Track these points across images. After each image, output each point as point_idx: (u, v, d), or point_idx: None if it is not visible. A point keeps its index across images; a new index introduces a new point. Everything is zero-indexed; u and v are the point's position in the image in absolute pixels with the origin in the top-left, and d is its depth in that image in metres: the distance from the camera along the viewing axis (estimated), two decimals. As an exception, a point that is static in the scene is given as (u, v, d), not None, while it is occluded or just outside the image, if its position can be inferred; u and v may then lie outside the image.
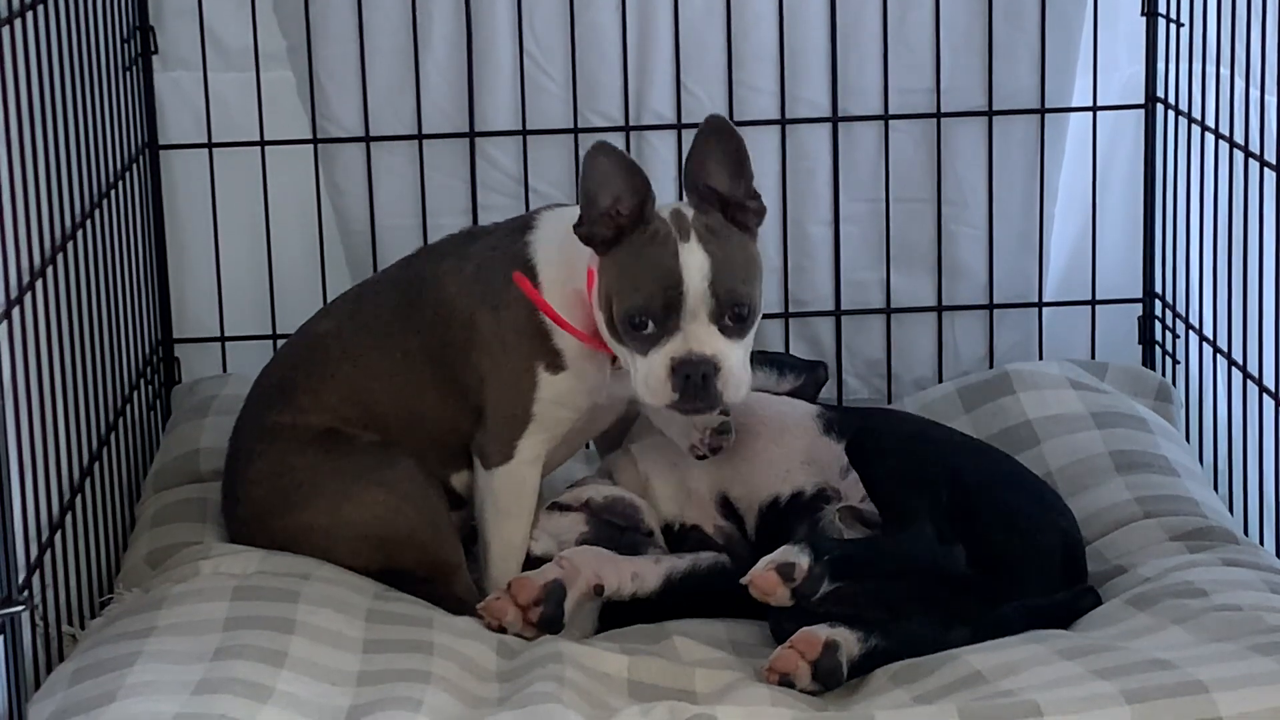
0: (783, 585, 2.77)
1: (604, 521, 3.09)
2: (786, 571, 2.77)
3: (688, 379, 2.87)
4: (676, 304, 2.87)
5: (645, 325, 2.88)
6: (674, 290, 2.87)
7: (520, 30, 3.69)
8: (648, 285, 2.88)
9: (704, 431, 3.08)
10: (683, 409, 2.92)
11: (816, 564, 2.76)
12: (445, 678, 2.66)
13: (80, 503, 3.03)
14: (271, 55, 3.70)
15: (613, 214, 2.91)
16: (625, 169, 2.90)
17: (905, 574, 2.82)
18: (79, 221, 3.12)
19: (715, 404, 2.90)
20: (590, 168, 2.90)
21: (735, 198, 2.94)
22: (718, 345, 2.88)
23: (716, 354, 2.87)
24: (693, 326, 2.87)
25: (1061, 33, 3.74)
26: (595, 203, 2.90)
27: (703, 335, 2.88)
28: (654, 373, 2.88)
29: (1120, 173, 3.84)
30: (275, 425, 3.09)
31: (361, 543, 3.01)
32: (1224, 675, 2.48)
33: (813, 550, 2.78)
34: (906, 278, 3.82)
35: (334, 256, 3.77)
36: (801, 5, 3.72)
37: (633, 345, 2.90)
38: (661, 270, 2.88)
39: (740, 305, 2.89)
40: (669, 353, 2.87)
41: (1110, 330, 3.85)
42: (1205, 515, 3.13)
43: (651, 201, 2.91)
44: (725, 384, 2.88)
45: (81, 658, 2.66)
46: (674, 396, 2.88)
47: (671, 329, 2.88)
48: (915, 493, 2.89)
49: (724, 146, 2.93)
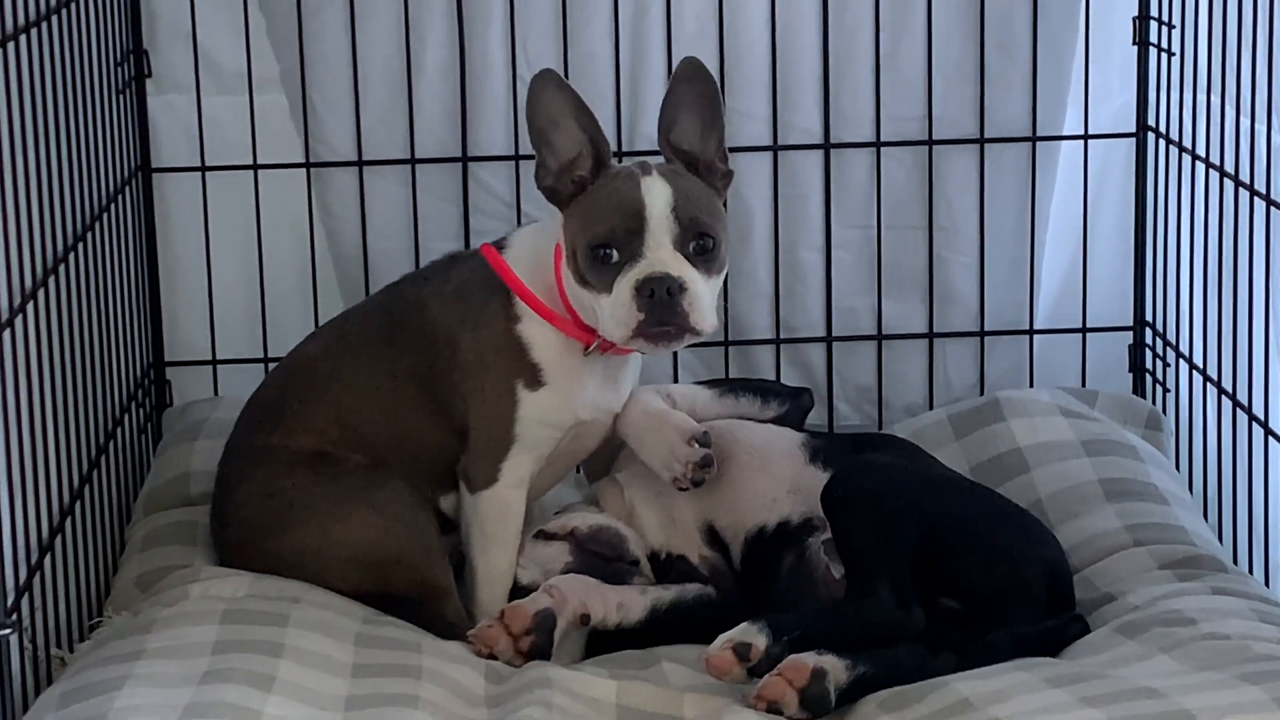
0: (738, 665, 2.76)
1: (589, 551, 3.09)
2: (742, 651, 2.76)
3: (652, 296, 2.86)
4: (639, 230, 2.89)
5: (610, 255, 2.89)
6: (636, 216, 2.89)
7: (513, 55, 3.70)
8: (610, 214, 2.90)
9: (686, 465, 3.07)
10: (649, 333, 2.89)
11: (775, 644, 2.76)
12: (433, 702, 2.66)
13: (70, 525, 3.03)
14: (265, 79, 3.71)
15: (574, 177, 2.94)
16: (574, 106, 2.94)
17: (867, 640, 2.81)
18: (72, 244, 3.12)
19: (682, 325, 2.88)
20: (536, 99, 2.92)
21: (705, 157, 2.96)
22: (683, 268, 2.89)
23: (682, 275, 2.88)
24: (656, 253, 2.89)
25: (1053, 61, 3.75)
26: (544, 138, 2.93)
27: (667, 258, 2.89)
28: (619, 299, 2.88)
29: (1111, 201, 3.85)
30: (264, 447, 3.10)
31: (351, 565, 3.01)
32: (1211, 704, 2.48)
33: (771, 630, 2.77)
34: (898, 304, 3.83)
35: (326, 280, 3.77)
36: (794, 32, 3.72)
37: (598, 282, 2.91)
38: (624, 199, 2.91)
39: (704, 235, 2.90)
40: (634, 275, 2.88)
41: (1101, 358, 3.85)
42: (1194, 543, 3.14)
43: (606, 146, 2.95)
44: (691, 306, 2.87)
45: (70, 680, 2.66)
46: (639, 317, 2.87)
47: (635, 255, 2.89)
48: (877, 552, 2.87)
49: (696, 92, 2.96)
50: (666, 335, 2.90)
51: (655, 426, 3.10)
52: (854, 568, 2.89)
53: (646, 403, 3.14)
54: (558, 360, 3.03)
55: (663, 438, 3.08)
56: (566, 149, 2.96)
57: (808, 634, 2.77)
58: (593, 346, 3.02)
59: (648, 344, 2.94)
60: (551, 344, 3.03)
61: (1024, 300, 3.83)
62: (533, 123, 2.95)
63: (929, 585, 2.88)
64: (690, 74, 2.96)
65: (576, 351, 3.04)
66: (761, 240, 3.79)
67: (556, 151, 2.96)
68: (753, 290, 3.80)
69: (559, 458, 3.13)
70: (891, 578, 2.84)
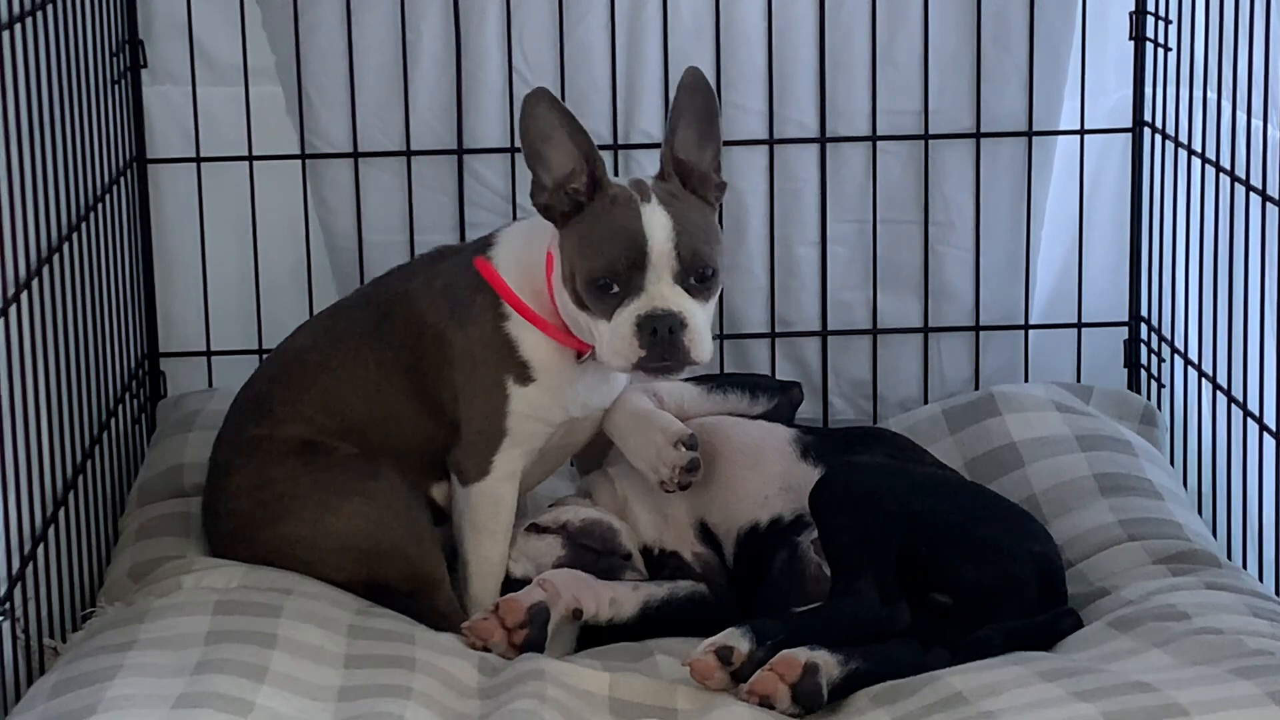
0: (721, 669, 2.76)
1: (581, 545, 3.09)
2: (725, 655, 2.76)
3: (654, 334, 2.87)
4: (641, 264, 2.88)
5: (610, 287, 2.89)
6: (638, 251, 2.88)
7: (509, 48, 3.69)
8: (612, 247, 2.90)
9: (672, 469, 3.06)
10: (649, 367, 2.90)
11: (758, 648, 2.76)
12: (426, 694, 2.66)
13: (64, 516, 3.03)
14: (261, 70, 3.71)
15: (568, 190, 2.93)
16: (567, 124, 2.93)
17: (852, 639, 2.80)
18: (66, 234, 3.12)
19: (683, 360, 2.89)
20: (528, 117, 2.92)
21: (700, 168, 2.96)
22: (683, 303, 2.89)
23: (683, 310, 2.88)
24: (658, 286, 2.88)
25: (1049, 56, 3.75)
26: (539, 156, 2.93)
27: (668, 293, 2.89)
28: (619, 332, 2.89)
29: (1107, 196, 3.85)
30: (254, 438, 3.10)
31: (344, 554, 3.01)
32: (1204, 698, 2.48)
33: (754, 634, 2.77)
34: (893, 299, 3.82)
35: (321, 272, 3.76)
36: (790, 26, 3.72)
37: (598, 310, 2.91)
38: (625, 231, 2.90)
39: (704, 266, 2.90)
40: (635, 310, 2.88)
41: (1096, 353, 3.85)
42: (1188, 538, 3.14)
43: (601, 165, 2.94)
44: (692, 341, 2.88)
45: (62, 670, 2.66)
46: (641, 354, 2.88)
47: (636, 289, 2.89)
48: (861, 551, 2.86)
49: (696, 104, 2.96)
50: (667, 369, 2.92)
51: (642, 429, 3.10)
52: (838, 567, 2.89)
53: (633, 404, 3.13)
54: (547, 358, 3.03)
55: (649, 440, 3.08)
56: (561, 166, 2.95)
57: (792, 638, 2.77)
58: (586, 356, 3.02)
59: (646, 376, 2.96)
60: (540, 342, 3.03)
61: (1019, 295, 3.83)
62: (526, 141, 2.94)
63: (920, 582, 2.88)
64: (691, 85, 2.96)
65: (566, 351, 3.04)
66: (757, 234, 3.79)
67: (551, 169, 2.95)
68: (748, 284, 3.80)
69: (551, 451, 3.13)
70: (875, 575, 2.84)
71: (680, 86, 2.97)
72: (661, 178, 2.97)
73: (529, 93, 2.94)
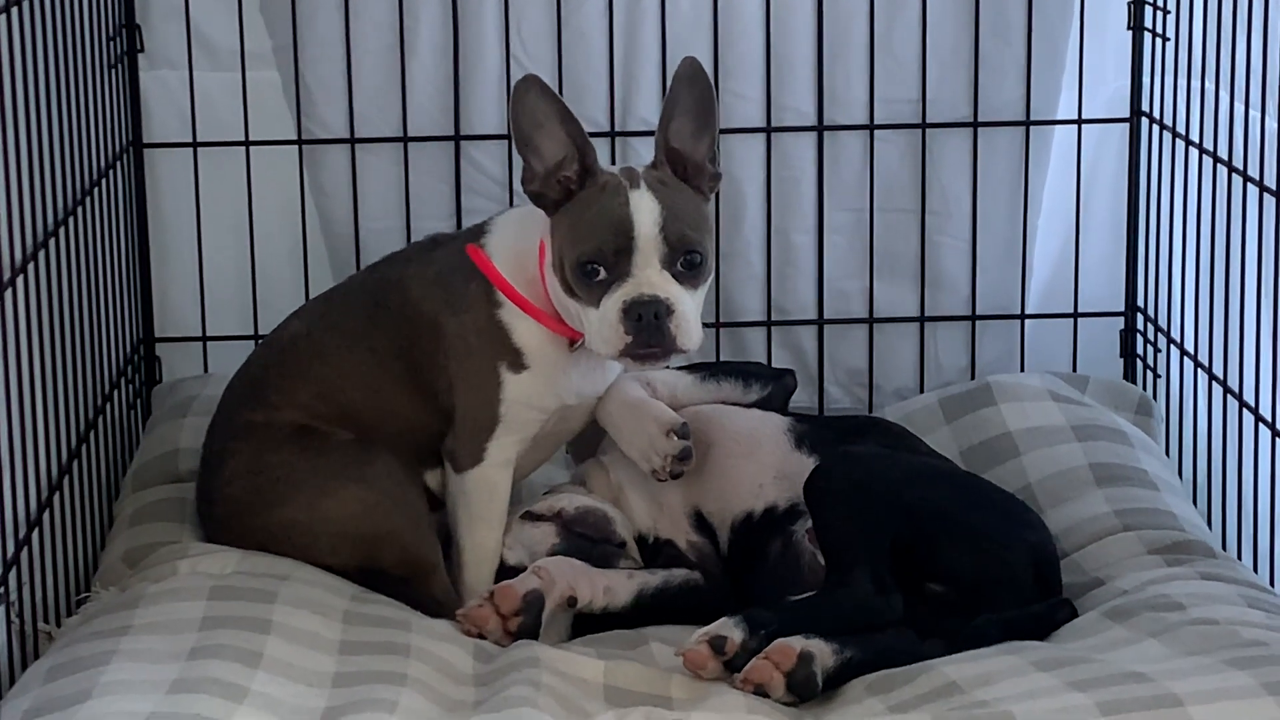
0: (714, 659, 2.76)
1: (575, 533, 3.09)
2: (718, 645, 2.76)
3: (639, 320, 2.86)
4: (628, 249, 2.88)
5: (597, 272, 2.89)
6: (625, 235, 2.88)
7: (507, 34, 3.69)
8: (599, 231, 2.89)
9: (665, 458, 3.06)
10: (636, 354, 2.89)
11: (751, 638, 2.76)
12: (421, 680, 2.66)
13: (58, 501, 3.02)
14: (257, 55, 3.70)
15: (560, 178, 2.93)
16: (558, 111, 2.93)
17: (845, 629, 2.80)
18: (61, 219, 3.12)
19: (669, 347, 2.89)
20: (519, 105, 2.92)
21: (694, 158, 2.96)
22: (670, 289, 2.89)
23: (669, 296, 2.88)
24: (645, 272, 2.88)
25: (1047, 46, 3.75)
26: (529, 143, 2.93)
27: (655, 279, 2.89)
28: (606, 318, 2.88)
29: (1104, 186, 3.85)
30: (248, 424, 3.09)
31: (340, 539, 3.01)
32: (1199, 689, 2.48)
33: (748, 624, 2.77)
34: (889, 288, 3.82)
35: (317, 258, 3.76)
36: (788, 14, 3.72)
37: (586, 296, 2.91)
38: (612, 216, 2.90)
39: (692, 251, 2.90)
40: (621, 296, 2.88)
41: (1092, 343, 3.85)
42: (1184, 529, 3.14)
43: (593, 152, 2.94)
44: (678, 328, 2.88)
45: (57, 655, 2.66)
46: (627, 340, 2.88)
47: (623, 274, 2.89)
48: (855, 541, 2.86)
49: (692, 95, 2.95)
50: (654, 356, 2.91)
51: (634, 418, 3.10)
52: (833, 557, 2.89)
53: (626, 392, 3.13)
54: (539, 346, 3.03)
55: (642, 429, 3.08)
56: (552, 153, 2.95)
57: (786, 627, 2.77)
58: (579, 344, 3.02)
59: (634, 364, 2.95)
60: (533, 329, 3.03)
61: (1016, 284, 3.83)
62: (517, 128, 2.94)
63: (915, 572, 2.88)
64: (688, 75, 2.95)
65: (559, 338, 3.04)
66: (754, 222, 3.79)
67: (542, 156, 2.95)
68: (744, 272, 3.80)
69: (545, 438, 3.13)
70: (869, 565, 2.84)
71: (676, 77, 2.96)
72: (653, 166, 2.97)
73: (520, 80, 2.94)
